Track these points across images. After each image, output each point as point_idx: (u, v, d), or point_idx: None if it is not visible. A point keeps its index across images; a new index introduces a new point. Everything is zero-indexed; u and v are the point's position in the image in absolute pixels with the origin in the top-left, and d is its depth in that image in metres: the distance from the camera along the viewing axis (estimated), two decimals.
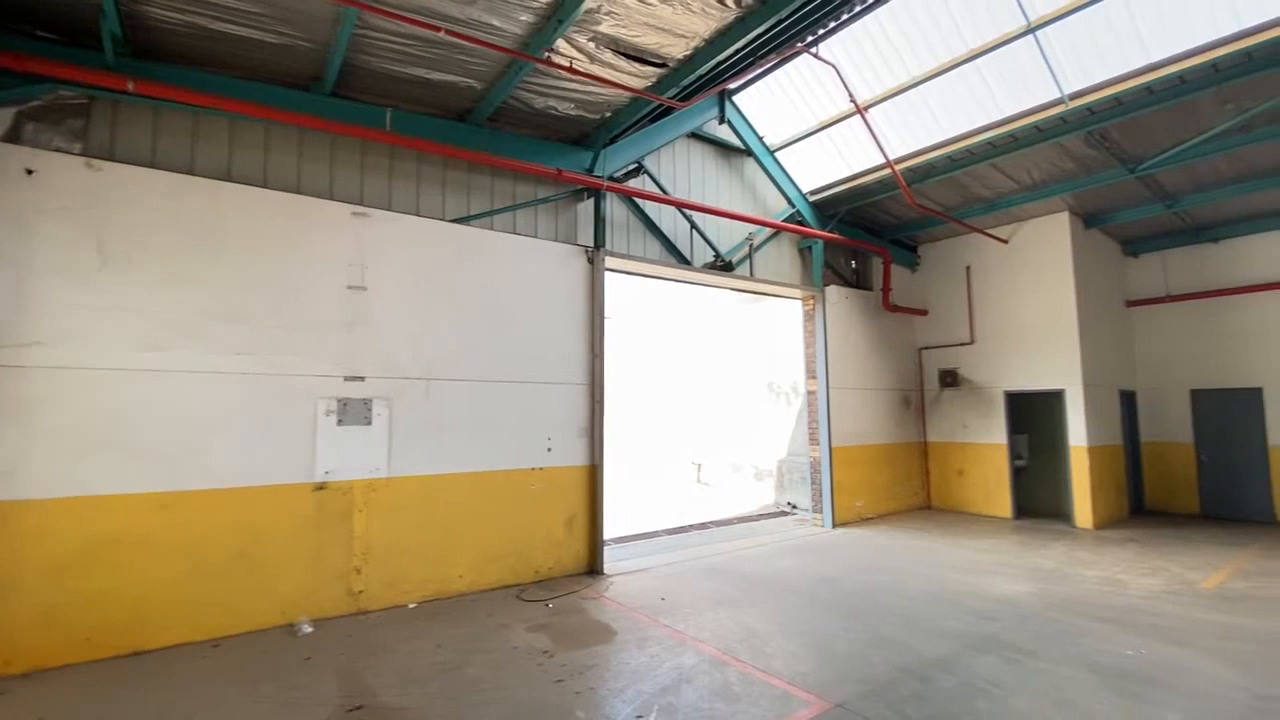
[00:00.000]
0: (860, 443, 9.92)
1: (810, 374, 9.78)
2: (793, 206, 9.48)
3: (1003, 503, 9.87)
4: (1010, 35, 6.61)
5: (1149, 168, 7.78)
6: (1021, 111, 7.36)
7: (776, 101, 8.59)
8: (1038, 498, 10.16)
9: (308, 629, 4.96)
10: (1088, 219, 9.77)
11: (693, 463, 14.06)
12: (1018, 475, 10.12)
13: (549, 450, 6.61)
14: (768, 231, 9.20)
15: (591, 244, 7.23)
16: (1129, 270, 11.01)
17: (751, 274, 8.94)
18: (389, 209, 5.98)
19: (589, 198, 7.26)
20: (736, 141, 8.86)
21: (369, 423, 5.63)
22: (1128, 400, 10.46)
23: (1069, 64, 6.70)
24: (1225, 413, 9.86)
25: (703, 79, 6.35)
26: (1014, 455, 10.02)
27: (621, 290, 11.70)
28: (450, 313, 6.18)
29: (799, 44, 6.59)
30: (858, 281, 10.61)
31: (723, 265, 8.56)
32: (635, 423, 15.88)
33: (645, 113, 6.67)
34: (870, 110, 8.00)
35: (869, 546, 8.00)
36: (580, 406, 6.90)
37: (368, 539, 5.55)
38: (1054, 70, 6.75)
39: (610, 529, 8.09)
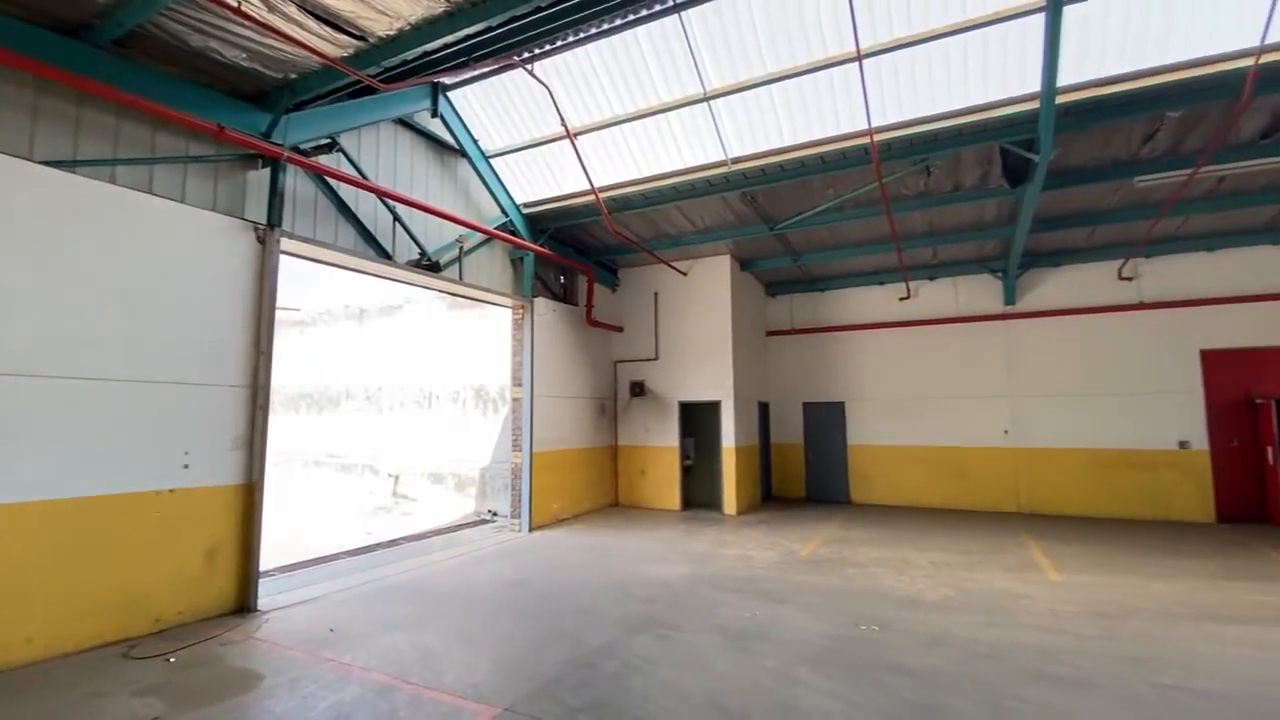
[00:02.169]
0: (560, 447, 10.42)
1: (516, 381, 9.94)
2: (506, 216, 9.57)
3: (673, 497, 11.41)
4: (692, 99, 7.75)
5: (781, 228, 9.91)
6: (699, 165, 8.67)
7: (496, 108, 8.58)
8: (700, 491, 11.99)
9: None
10: (743, 263, 12.01)
11: (389, 475, 13.03)
12: (686, 473, 11.81)
13: (185, 467, 5.36)
14: (480, 237, 9.09)
15: (264, 221, 6.17)
16: (769, 306, 13.85)
17: (461, 278, 8.72)
18: None
19: (264, 166, 6.19)
20: (451, 140, 8.58)
21: None
22: (763, 410, 13.10)
23: (733, 133, 8.15)
24: (823, 420, 13.05)
25: (410, 65, 5.98)
26: (684, 456, 11.67)
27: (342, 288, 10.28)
28: (42, 289, 4.61)
29: (515, 57, 6.69)
30: (565, 296, 11.20)
31: (429, 265, 8.15)
32: (324, 432, 14.07)
33: (342, 85, 6.00)
34: (580, 137, 8.53)
35: (561, 546, 8.41)
36: (235, 413, 5.78)
37: None
38: (722, 136, 8.13)
39: (277, 556, 6.97)
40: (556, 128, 8.48)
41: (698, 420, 12.00)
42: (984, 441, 11.50)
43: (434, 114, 8.00)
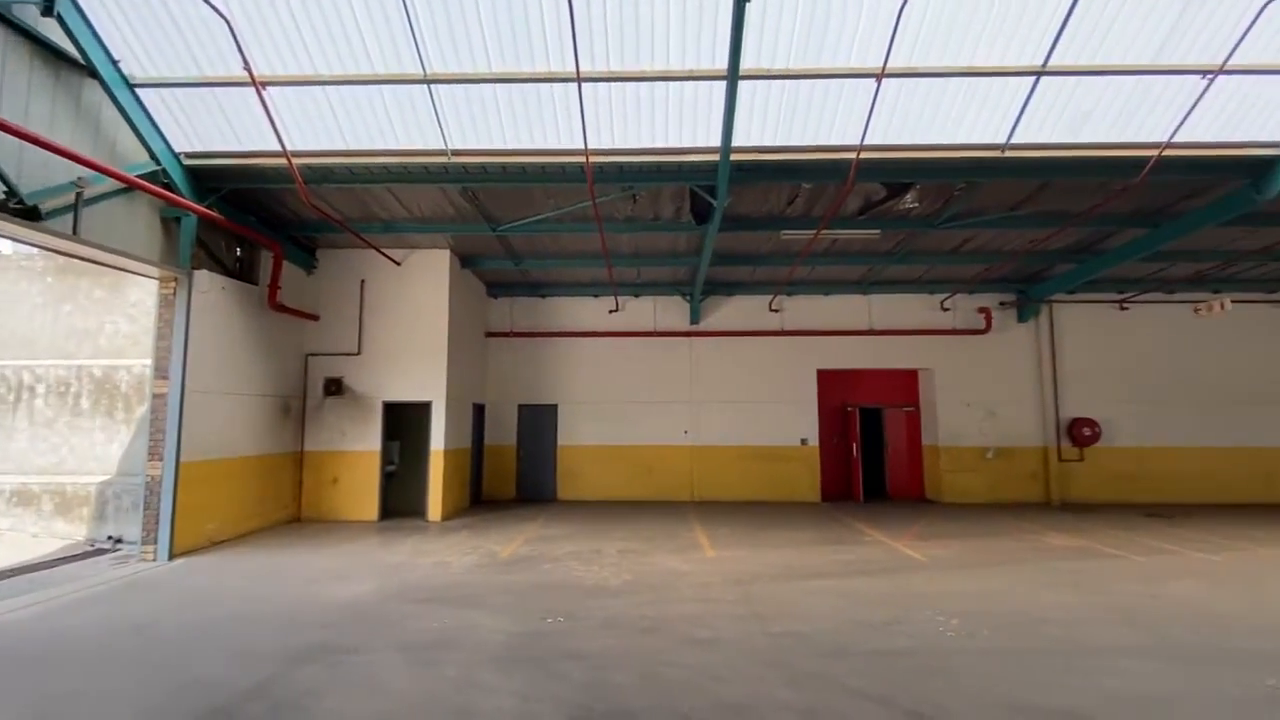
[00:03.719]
0: (223, 455, 8.68)
1: (161, 373, 7.98)
2: (158, 163, 7.65)
3: (371, 507, 10.46)
4: (411, 78, 7.25)
5: (504, 230, 9.92)
6: (416, 149, 8.14)
7: (150, 25, 6.77)
8: (405, 498, 11.22)
9: None
10: (464, 259, 11.69)
11: None
12: (389, 479, 10.96)
13: None
14: (113, 184, 7.08)
15: None
16: (490, 308, 13.74)
17: (76, 231, 6.65)
18: None
19: None
20: (75, 51, 6.52)
21: None
22: (479, 412, 12.91)
23: (454, 124, 7.86)
24: (537, 422, 13.42)
25: None
26: (386, 461, 10.80)
27: None
28: None
29: None
30: (241, 272, 9.41)
31: (22, 209, 6.04)
32: None
33: None
34: (271, 89, 7.29)
35: (214, 575, 6.99)
36: None
37: None
38: (443, 124, 7.78)
39: None
40: (238, 69, 7.09)
41: (405, 422, 11.24)
42: (669, 441, 13.17)
43: (47, 10, 6.00)
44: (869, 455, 14.01)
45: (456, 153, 8.09)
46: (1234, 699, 3.86)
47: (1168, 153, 7.46)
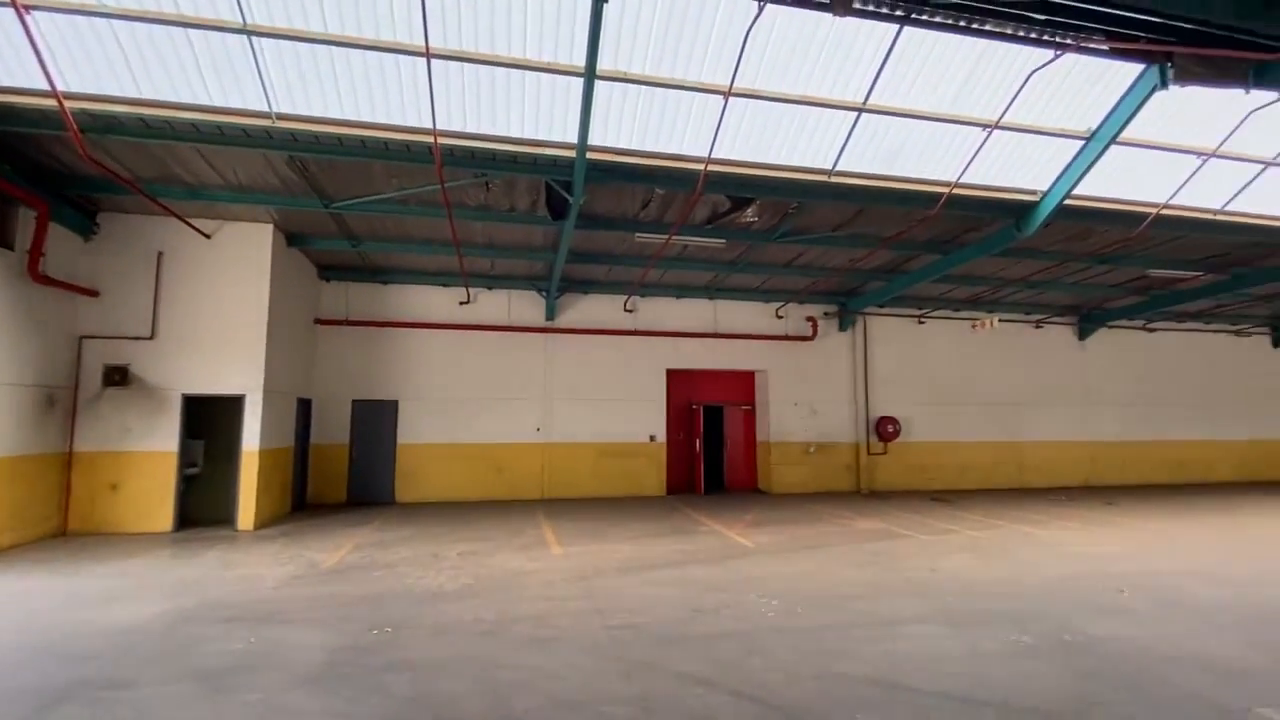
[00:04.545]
0: None
1: None
2: None
3: (164, 516, 9.02)
4: (225, 24, 6.35)
5: (339, 208, 9.07)
6: (232, 108, 7.16)
7: None
8: (210, 505, 9.84)
9: None
10: (291, 237, 10.51)
11: None
12: (190, 483, 9.55)
13: None
14: None
15: None
16: (323, 292, 12.50)
17: None
18: None
19: None
20: None
21: None
22: (304, 407, 11.69)
23: (280, 84, 7.02)
24: (373, 418, 12.45)
25: None
26: (186, 463, 9.39)
27: None
28: None
29: None
30: None
31: None
32: None
33: None
34: (35, 12, 5.99)
35: None
36: None
37: None
38: (265, 83, 6.91)
39: None
40: None
41: (212, 419, 9.86)
42: (520, 438, 12.92)
43: None
44: (711, 450, 14.85)
45: (282, 117, 7.24)
46: (990, 652, 4.61)
47: (957, 190, 8.76)
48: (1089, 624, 5.21)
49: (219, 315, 9.51)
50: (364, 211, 9.27)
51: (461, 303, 13.01)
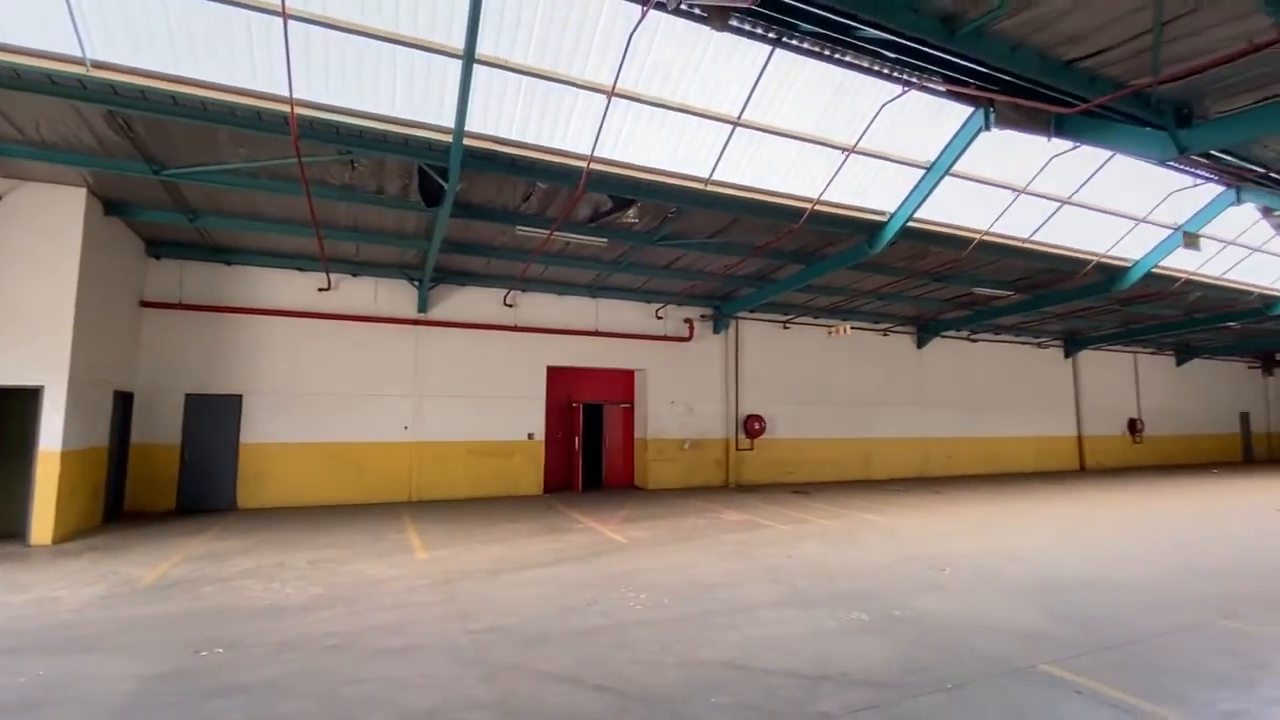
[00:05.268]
0: None
1: None
2: None
3: None
4: None
5: (172, 176, 7.99)
6: (33, 49, 6.06)
7: None
8: None
9: None
10: (110, 205, 9.09)
11: None
12: None
13: None
14: None
15: None
16: (150, 270, 10.95)
17: None
18: None
19: None
20: None
21: None
22: (124, 402, 10.19)
23: (99, 27, 6.05)
24: (212, 415, 11.11)
25: None
26: None
27: None
28: None
29: None
30: None
31: None
32: None
33: None
34: None
35: None
36: None
37: None
38: (78, 23, 5.92)
39: None
40: None
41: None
42: (385, 437, 12.15)
43: None
44: (591, 448, 14.90)
45: (100, 65, 6.26)
46: (833, 630, 5.03)
47: (819, 207, 9.46)
48: (916, 600, 5.86)
49: (9, 292, 8.01)
50: (204, 182, 8.24)
51: (321, 289, 11.98)
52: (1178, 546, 8.46)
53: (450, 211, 8.60)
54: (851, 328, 15.35)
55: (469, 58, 6.07)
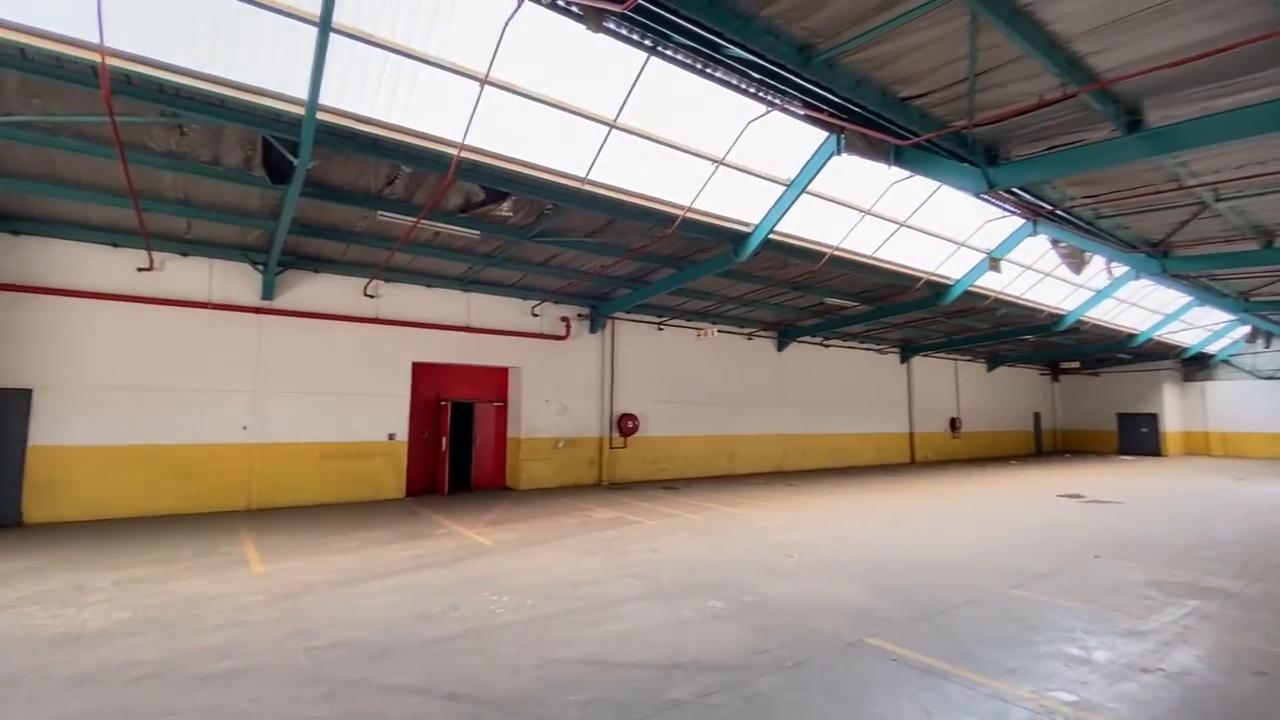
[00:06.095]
0: None
1: None
2: None
3: None
4: None
5: None
6: None
7: None
8: None
9: None
10: None
11: None
12: None
13: None
14: None
15: None
16: None
17: None
18: None
19: None
20: None
21: None
22: None
23: None
24: None
25: None
26: None
27: None
28: None
29: None
30: None
31: None
32: None
33: None
34: None
35: None
36: None
37: None
38: None
39: None
40: None
41: None
42: (218, 438, 10.85)
43: None
44: (460, 448, 14.33)
45: None
46: (689, 620, 5.25)
47: (690, 214, 9.84)
48: (765, 585, 6.28)
49: None
50: None
51: (142, 269, 10.44)
52: (982, 526, 9.82)
53: (301, 190, 7.88)
54: (719, 330, 16.13)
55: (325, 25, 5.59)
